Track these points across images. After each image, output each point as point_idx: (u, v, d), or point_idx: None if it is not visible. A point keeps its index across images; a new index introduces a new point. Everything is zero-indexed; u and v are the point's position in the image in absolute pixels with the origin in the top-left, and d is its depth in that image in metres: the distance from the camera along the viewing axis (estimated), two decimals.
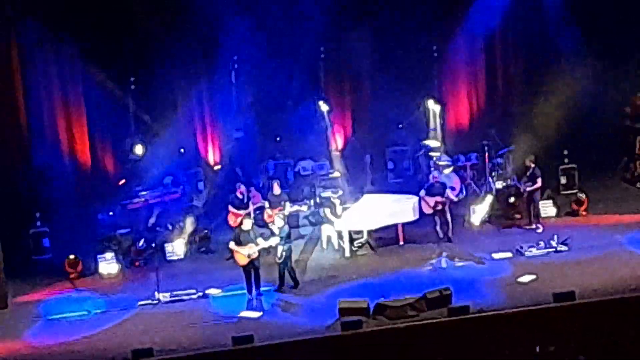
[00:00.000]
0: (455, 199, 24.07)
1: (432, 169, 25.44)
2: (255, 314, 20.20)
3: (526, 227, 23.82)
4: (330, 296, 20.55)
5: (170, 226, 24.50)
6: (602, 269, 20.84)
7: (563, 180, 26.28)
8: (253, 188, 24.68)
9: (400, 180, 27.85)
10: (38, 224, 24.45)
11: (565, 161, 26.40)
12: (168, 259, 23.34)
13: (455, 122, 28.52)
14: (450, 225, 23.38)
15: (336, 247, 23.30)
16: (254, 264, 20.77)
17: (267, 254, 21.31)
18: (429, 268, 21.85)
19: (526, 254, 22.13)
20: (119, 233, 24.18)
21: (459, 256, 22.30)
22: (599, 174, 27.03)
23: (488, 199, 24.40)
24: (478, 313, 18.40)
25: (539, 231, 23.47)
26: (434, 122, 26.77)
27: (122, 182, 25.63)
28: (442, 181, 23.92)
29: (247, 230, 20.84)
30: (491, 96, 28.90)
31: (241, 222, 21.43)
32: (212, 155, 27.37)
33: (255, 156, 27.30)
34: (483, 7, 27.48)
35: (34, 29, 24.54)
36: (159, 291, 21.06)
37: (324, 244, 23.53)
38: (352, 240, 23.09)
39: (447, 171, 25.23)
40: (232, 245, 20.90)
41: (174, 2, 26.01)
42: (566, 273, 20.86)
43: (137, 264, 23.27)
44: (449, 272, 21.59)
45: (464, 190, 25.70)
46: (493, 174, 25.99)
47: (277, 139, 27.62)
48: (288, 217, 23.14)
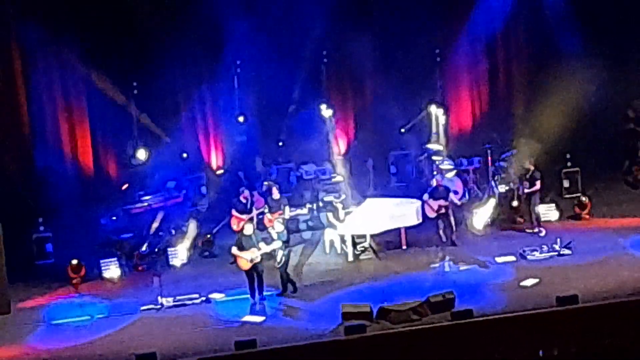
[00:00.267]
0: (459, 203, 24.06)
1: (434, 173, 25.42)
2: (258, 319, 20.19)
3: (528, 231, 23.82)
4: (333, 300, 20.53)
5: (173, 231, 24.50)
6: (605, 273, 20.81)
7: (566, 184, 26.28)
8: (256, 192, 24.66)
9: (403, 184, 27.82)
10: (41, 228, 24.50)
11: (568, 165, 26.43)
12: (171, 263, 23.34)
13: (458, 125, 28.51)
14: (454, 229, 23.38)
15: (339, 251, 23.28)
16: (256, 268, 20.78)
17: (270, 259, 21.31)
18: (437, 271, 21.84)
19: (529, 257, 22.11)
20: (122, 238, 24.18)
21: (463, 260, 22.30)
22: (601, 177, 27.01)
23: (491, 203, 24.38)
24: (481, 317, 18.38)
25: (542, 235, 23.47)
26: (436, 126, 26.76)
27: (125, 186, 25.64)
28: (446, 185, 23.91)
29: (249, 235, 20.83)
30: (494, 99, 28.90)
31: (243, 227, 21.44)
32: (215, 160, 27.39)
33: (258, 157, 27.29)
34: (485, 10, 27.49)
35: (36, 32, 24.49)
36: (162, 296, 21.06)
37: (327, 249, 23.51)
38: (354, 244, 23.06)
39: (449, 175, 25.20)
40: (235, 250, 20.90)
41: (177, 6, 26.03)
42: (569, 277, 20.83)
43: (140, 268, 23.28)
44: (452, 276, 21.58)
45: (466, 194, 25.68)
46: (496, 178, 25.93)
47: (280, 144, 27.62)
48: (288, 221, 23.14)
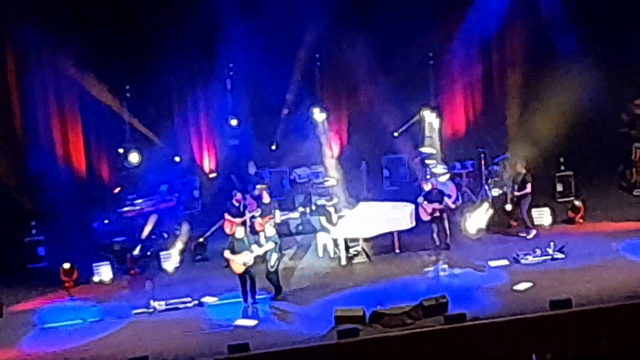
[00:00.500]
0: (453, 207, 24.03)
1: (428, 177, 25.38)
2: (251, 322, 20.16)
3: (522, 235, 23.77)
4: (326, 304, 20.49)
5: (165, 234, 24.48)
6: (599, 277, 20.79)
7: (559, 188, 26.25)
8: (249, 196, 24.63)
9: (396, 187, 27.81)
10: (33, 232, 24.43)
11: (562, 168, 26.40)
12: (163, 267, 23.29)
13: (452, 129, 28.44)
14: (449, 233, 23.35)
15: (332, 255, 23.25)
16: (249, 272, 20.74)
17: (263, 262, 21.25)
18: (429, 275, 21.81)
19: (522, 261, 22.08)
20: (115, 241, 24.13)
21: (456, 264, 22.25)
22: (595, 181, 26.98)
23: (485, 207, 24.31)
24: (474, 321, 18.37)
25: (529, 237, 23.45)
26: (430, 130, 26.70)
27: (118, 190, 25.58)
28: (441, 189, 23.87)
29: (241, 238, 20.82)
30: (488, 103, 28.84)
31: (235, 230, 21.39)
32: (208, 163, 27.35)
33: (251, 160, 27.26)
34: (480, 13, 27.45)
35: (30, 35, 24.43)
36: (155, 299, 21.01)
37: (320, 252, 23.46)
38: (347, 248, 23.03)
39: (443, 179, 25.16)
40: (227, 254, 20.87)
41: (171, 9, 25.98)
42: (562, 280, 20.80)
43: (132, 272, 23.23)
44: (446, 280, 21.56)
45: (459, 198, 25.65)
46: (489, 182, 25.93)
47: (273, 147, 27.57)
48: (279, 225, 23.10)
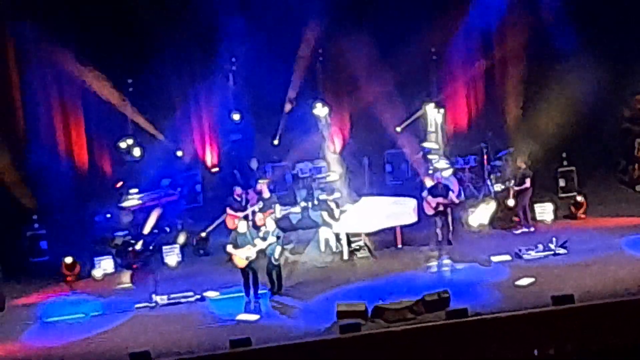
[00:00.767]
0: (457, 201, 24.01)
1: (430, 172, 25.38)
2: (253, 317, 20.17)
3: (525, 230, 23.77)
4: (328, 299, 20.50)
5: (168, 229, 24.46)
6: (601, 272, 20.78)
7: (562, 183, 26.24)
8: (251, 190, 24.62)
9: (399, 182, 27.80)
10: (35, 226, 24.44)
11: (564, 164, 26.38)
12: (166, 261, 23.29)
13: (454, 124, 28.41)
14: (451, 228, 23.33)
15: (334, 249, 23.25)
16: (252, 266, 20.73)
17: (264, 257, 21.24)
18: (433, 270, 21.83)
19: (525, 257, 22.07)
20: (117, 235, 24.12)
21: (458, 259, 22.27)
22: (597, 176, 26.99)
23: (490, 202, 24.32)
24: (476, 316, 18.35)
25: (529, 230, 23.54)
26: (432, 125, 26.69)
27: (120, 184, 25.56)
28: (446, 183, 23.85)
29: (244, 233, 20.81)
30: (490, 98, 28.83)
31: (237, 225, 21.38)
32: (210, 158, 27.33)
33: (253, 157, 27.24)
34: (481, 8, 27.42)
35: (31, 30, 24.43)
36: (157, 294, 21.02)
37: (322, 247, 23.46)
38: (349, 242, 23.03)
39: (446, 174, 25.13)
40: (230, 248, 20.87)
41: (173, 4, 25.97)
42: (565, 276, 20.79)
43: (134, 266, 23.21)
44: (448, 275, 21.59)
45: (462, 193, 25.63)
46: (491, 177, 25.91)
47: (275, 142, 27.52)
48: (279, 219, 23.08)
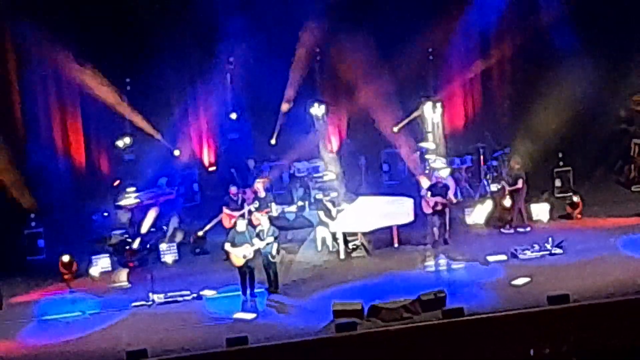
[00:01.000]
0: (455, 201, 24.06)
1: (426, 171, 25.43)
2: (249, 316, 20.18)
3: (520, 230, 23.83)
4: (324, 298, 20.51)
5: (165, 227, 24.48)
6: (596, 272, 20.83)
7: (558, 183, 26.27)
8: (248, 189, 24.64)
9: (395, 182, 27.83)
10: (33, 224, 24.45)
11: (560, 164, 26.42)
12: (162, 260, 23.34)
13: (451, 124, 28.42)
14: (448, 228, 23.39)
15: (331, 249, 23.28)
16: (249, 265, 20.78)
17: (261, 255, 21.28)
18: (429, 270, 21.87)
19: (521, 256, 22.11)
20: (114, 234, 24.15)
21: (454, 258, 22.31)
22: (594, 177, 27.02)
23: (487, 203, 24.38)
24: (472, 315, 18.42)
25: (524, 231, 23.63)
26: (429, 125, 26.74)
27: (117, 183, 25.59)
28: (446, 183, 23.90)
29: (242, 232, 20.84)
30: (487, 98, 28.89)
31: (235, 224, 21.42)
32: (207, 157, 27.37)
33: (250, 157, 27.27)
34: (479, 8, 27.47)
35: (29, 29, 24.44)
36: (154, 292, 21.05)
37: (319, 246, 23.50)
38: (346, 242, 23.06)
39: (444, 173, 25.16)
40: (228, 246, 20.91)
41: (171, 3, 26.01)
42: (560, 276, 20.83)
43: (131, 264, 23.23)
44: (444, 274, 21.62)
45: (458, 193, 25.68)
46: (488, 177, 25.97)
47: (273, 141, 27.53)
48: (275, 219, 23.12)
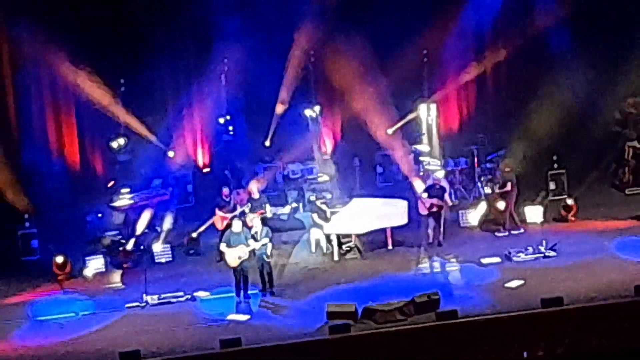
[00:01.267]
0: (450, 203, 24.06)
1: (421, 173, 25.45)
2: (243, 317, 20.18)
3: (512, 232, 23.86)
4: (318, 300, 20.51)
5: (159, 228, 24.46)
6: (590, 275, 20.85)
7: (552, 186, 26.29)
8: (242, 190, 24.63)
9: (389, 184, 27.83)
10: (27, 224, 24.42)
11: (555, 167, 26.45)
12: (156, 261, 23.33)
13: (445, 126, 28.46)
14: (442, 230, 23.41)
15: (325, 250, 23.28)
16: (243, 266, 20.77)
17: (254, 256, 21.26)
18: (423, 272, 21.88)
19: (515, 259, 22.13)
20: (108, 235, 24.14)
21: (448, 260, 22.33)
22: (588, 179, 27.03)
23: (480, 205, 24.40)
24: (466, 318, 18.42)
25: (513, 233, 23.67)
26: (424, 127, 26.75)
27: (111, 183, 25.58)
28: (443, 185, 23.91)
29: (238, 233, 20.82)
30: (481, 101, 28.92)
31: (230, 224, 21.39)
32: (202, 158, 27.37)
33: (244, 159, 27.27)
34: (474, 11, 27.50)
35: (24, 29, 24.46)
36: (147, 293, 21.03)
37: (313, 248, 23.50)
38: (340, 244, 23.06)
39: (438, 175, 25.14)
40: (223, 247, 20.90)
41: (166, 4, 26.01)
42: (554, 278, 20.85)
43: (125, 265, 23.22)
44: (438, 277, 21.63)
45: (452, 195, 25.69)
46: (482, 179, 25.99)
47: (267, 143, 27.53)
48: (269, 220, 23.11)
